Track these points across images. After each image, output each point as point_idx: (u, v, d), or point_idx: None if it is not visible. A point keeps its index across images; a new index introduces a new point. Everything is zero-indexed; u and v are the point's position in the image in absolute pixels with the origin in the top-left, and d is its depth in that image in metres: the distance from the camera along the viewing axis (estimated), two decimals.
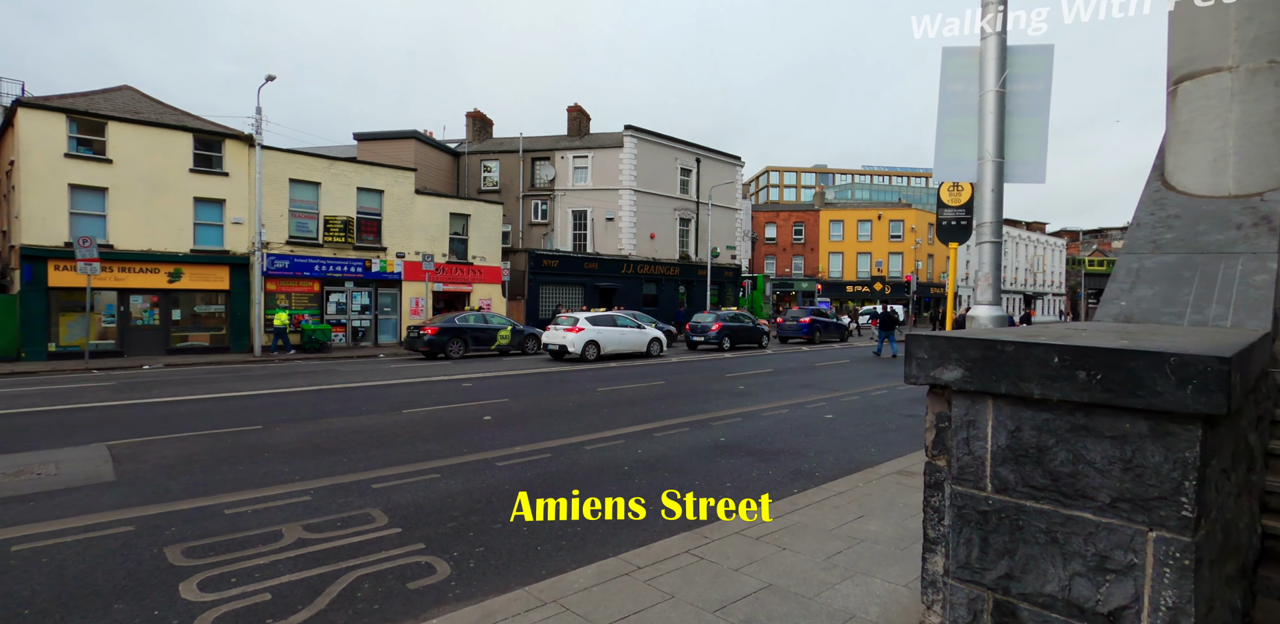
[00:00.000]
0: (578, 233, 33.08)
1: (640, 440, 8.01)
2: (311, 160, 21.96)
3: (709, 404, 10.77)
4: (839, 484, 6.07)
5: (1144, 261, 3.93)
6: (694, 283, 35.15)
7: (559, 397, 11.39)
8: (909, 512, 5.24)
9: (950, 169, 3.62)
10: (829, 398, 11.63)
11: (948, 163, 3.62)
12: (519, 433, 8.31)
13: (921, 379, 1.96)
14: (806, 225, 52.01)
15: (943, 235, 6.51)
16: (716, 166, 37.26)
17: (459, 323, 18.43)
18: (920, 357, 1.96)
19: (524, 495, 5.68)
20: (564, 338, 17.27)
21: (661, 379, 13.99)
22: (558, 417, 9.48)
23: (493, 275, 26.75)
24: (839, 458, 7.36)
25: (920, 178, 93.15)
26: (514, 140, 35.01)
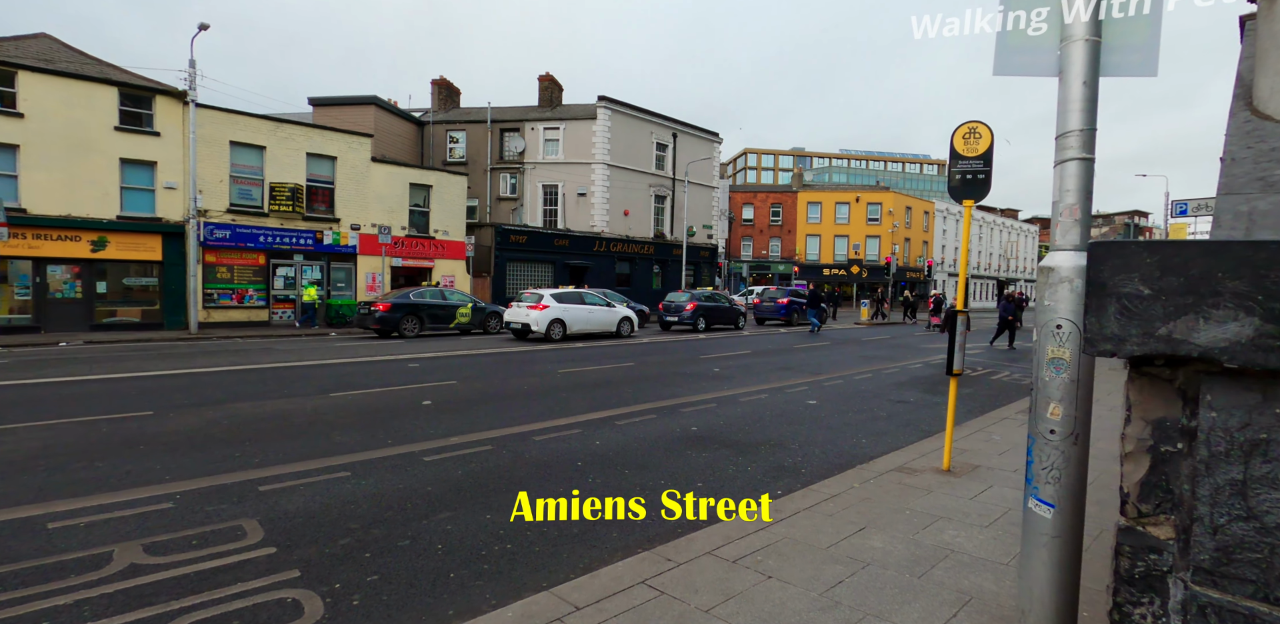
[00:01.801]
0: (548, 208, 31.68)
1: (600, 429, 6.96)
2: (255, 122, 20.20)
3: (681, 388, 9.76)
4: (830, 484, 5.10)
5: (1255, 203, 2.96)
6: (669, 262, 34.06)
7: (515, 379, 10.28)
8: (919, 521, 4.27)
9: (1017, 59, 2.57)
10: (810, 381, 10.71)
11: (1014, 51, 2.57)
12: (459, 420, 7.19)
13: (1131, 344, 0.90)
14: (784, 207, 51.12)
15: (956, 192, 5.52)
16: (694, 143, 35.98)
17: (414, 299, 17.10)
18: (1129, 296, 0.89)
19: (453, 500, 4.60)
20: (527, 316, 16.08)
21: (630, 360, 12.94)
22: (509, 402, 8.37)
23: (456, 251, 25.32)
24: (826, 450, 6.41)
25: (897, 163, 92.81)
26: (481, 110, 33.27)
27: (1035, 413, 2.38)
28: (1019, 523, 4.39)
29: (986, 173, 5.39)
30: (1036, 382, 2.37)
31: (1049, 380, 2.33)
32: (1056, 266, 2.32)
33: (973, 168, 5.42)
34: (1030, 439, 2.41)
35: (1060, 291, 2.30)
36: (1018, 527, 4.23)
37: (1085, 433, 2.31)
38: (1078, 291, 2.27)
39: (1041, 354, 2.36)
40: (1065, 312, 2.29)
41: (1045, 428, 2.34)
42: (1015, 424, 7.57)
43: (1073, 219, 2.33)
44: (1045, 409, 2.34)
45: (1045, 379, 2.34)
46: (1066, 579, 2.33)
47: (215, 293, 19.64)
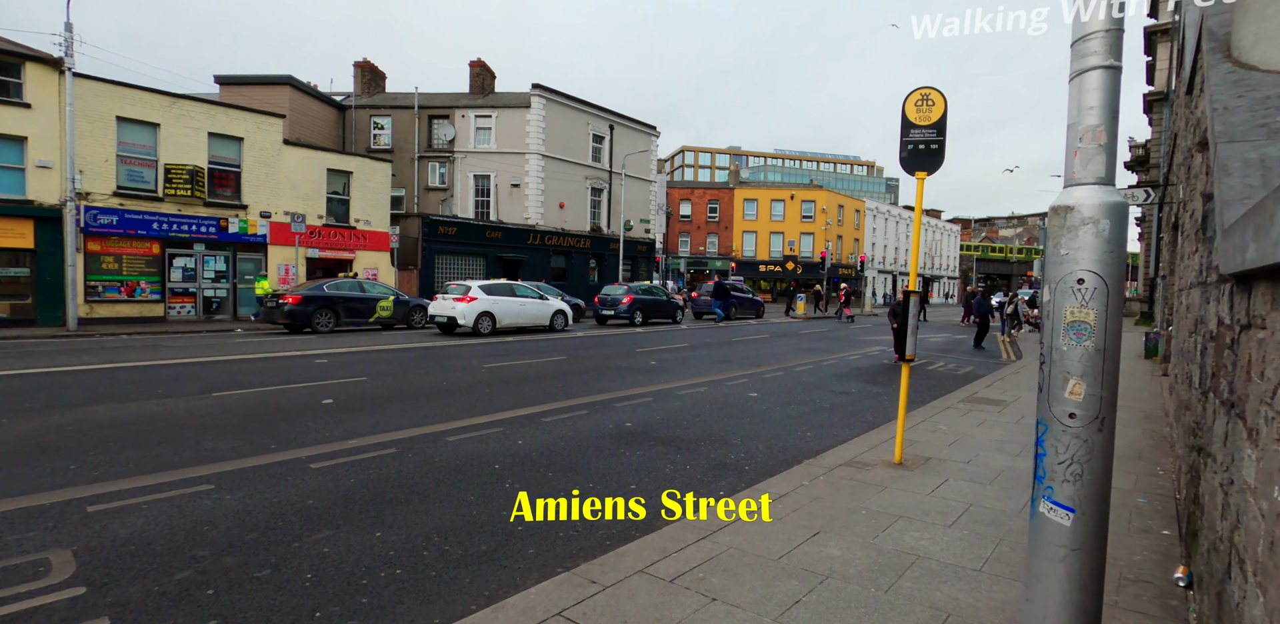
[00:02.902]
0: (480, 199, 30.42)
1: (524, 427, 6.26)
2: (146, 96, 18.24)
3: (615, 382, 9.14)
4: (778, 482, 4.59)
5: (1265, 150, 2.60)
6: (606, 256, 33.39)
7: (434, 375, 9.40)
8: (877, 522, 3.80)
9: None
10: (751, 374, 10.31)
11: None
12: (363, 420, 6.33)
13: None
14: (721, 203, 51.29)
15: (908, 163, 5.12)
16: (631, 135, 35.40)
17: (329, 291, 15.77)
18: None
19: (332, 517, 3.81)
20: (453, 309, 15.07)
21: (563, 354, 12.23)
22: (423, 399, 7.54)
23: (380, 242, 23.85)
24: (770, 445, 5.93)
25: (829, 163, 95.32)
26: (408, 96, 31.63)
27: (1048, 393, 1.87)
28: (983, 521, 4.01)
29: (940, 142, 5.02)
30: (1050, 353, 1.87)
31: (1067, 350, 1.83)
32: (1076, 205, 1.82)
33: (925, 137, 5.03)
34: (1042, 427, 1.91)
35: (1082, 237, 1.80)
36: (983, 525, 3.82)
37: (1112, 417, 1.82)
38: (1105, 236, 1.78)
39: (1056, 318, 1.85)
40: (1088, 261, 1.79)
41: (1062, 411, 1.84)
42: (959, 413, 7.34)
43: (1096, 144, 1.83)
44: (1062, 387, 1.83)
45: (1062, 349, 1.83)
46: (1089, 602, 1.84)
47: (100, 285, 17.63)
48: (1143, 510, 4.13)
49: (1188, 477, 3.39)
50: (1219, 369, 2.53)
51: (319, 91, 30.79)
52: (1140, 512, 4.11)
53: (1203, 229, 3.43)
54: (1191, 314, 4.05)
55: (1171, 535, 3.69)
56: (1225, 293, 2.42)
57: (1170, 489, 4.59)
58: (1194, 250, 4.13)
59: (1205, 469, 2.71)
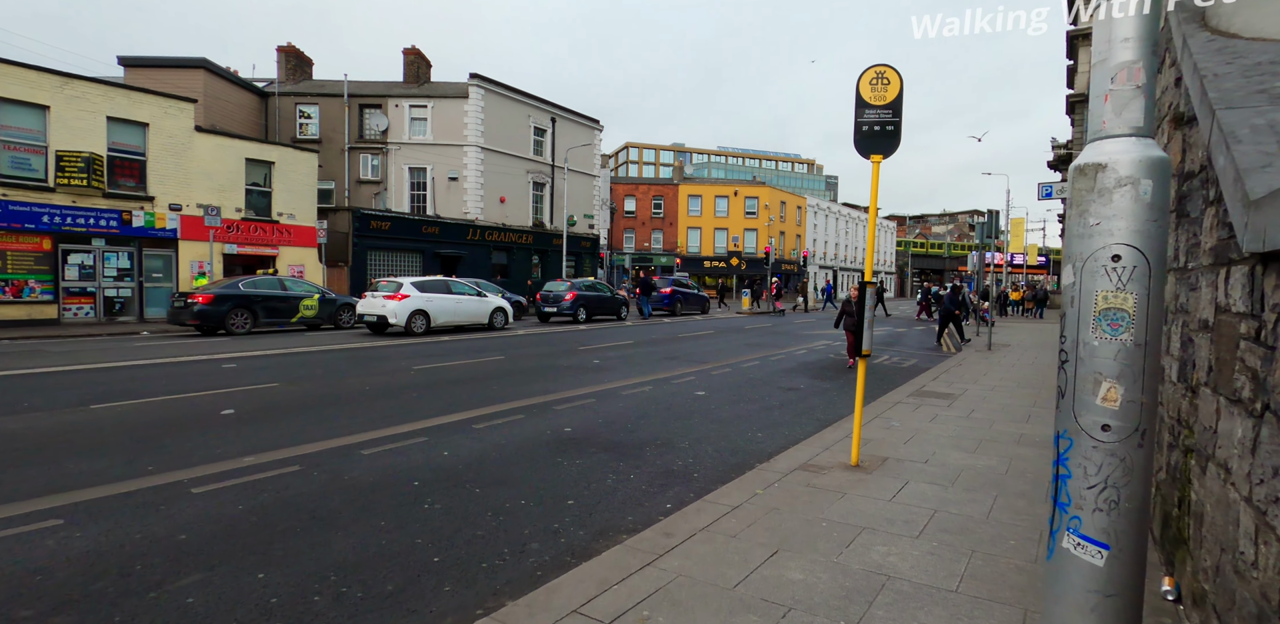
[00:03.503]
0: (416, 193, 29.15)
1: (452, 436, 5.67)
2: (33, 75, 16.46)
3: (556, 382, 8.61)
4: (729, 492, 4.19)
5: (1272, 116, 2.33)
6: (549, 252, 32.60)
7: (357, 378, 8.64)
8: (839, 536, 3.44)
9: None
10: (697, 371, 9.95)
11: None
12: (266, 433, 5.61)
13: None
14: (665, 199, 51.14)
15: (863, 145, 4.80)
16: (574, 129, 34.67)
17: (245, 289, 14.55)
18: None
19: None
20: (383, 307, 14.15)
21: (501, 354, 11.59)
22: (341, 406, 6.83)
23: (306, 237, 22.44)
24: (720, 448, 5.55)
25: (771, 161, 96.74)
26: (337, 83, 30.00)
27: (1073, 400, 1.49)
28: (950, 529, 3.72)
29: (895, 124, 4.71)
30: (1074, 349, 1.49)
31: (1098, 345, 1.45)
32: (1109, 163, 1.44)
33: (880, 118, 4.72)
34: (1065, 442, 1.53)
35: (1117, 202, 1.42)
36: (950, 534, 3.52)
37: (1154, 429, 1.45)
38: (1146, 200, 1.40)
39: (1082, 305, 1.47)
40: (1125, 233, 1.41)
41: (1092, 422, 1.46)
42: (910, 408, 7.16)
43: (1132, 86, 1.45)
44: (1092, 392, 1.46)
45: (1092, 344, 1.46)
46: None
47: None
48: None
49: (1167, 477, 3.16)
50: (1223, 364, 2.24)
51: (238, 77, 28.83)
52: None
53: (1179, 210, 3.20)
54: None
55: None
56: (1237, 276, 2.12)
57: None
58: None
59: (1204, 475, 2.43)
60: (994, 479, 4.54)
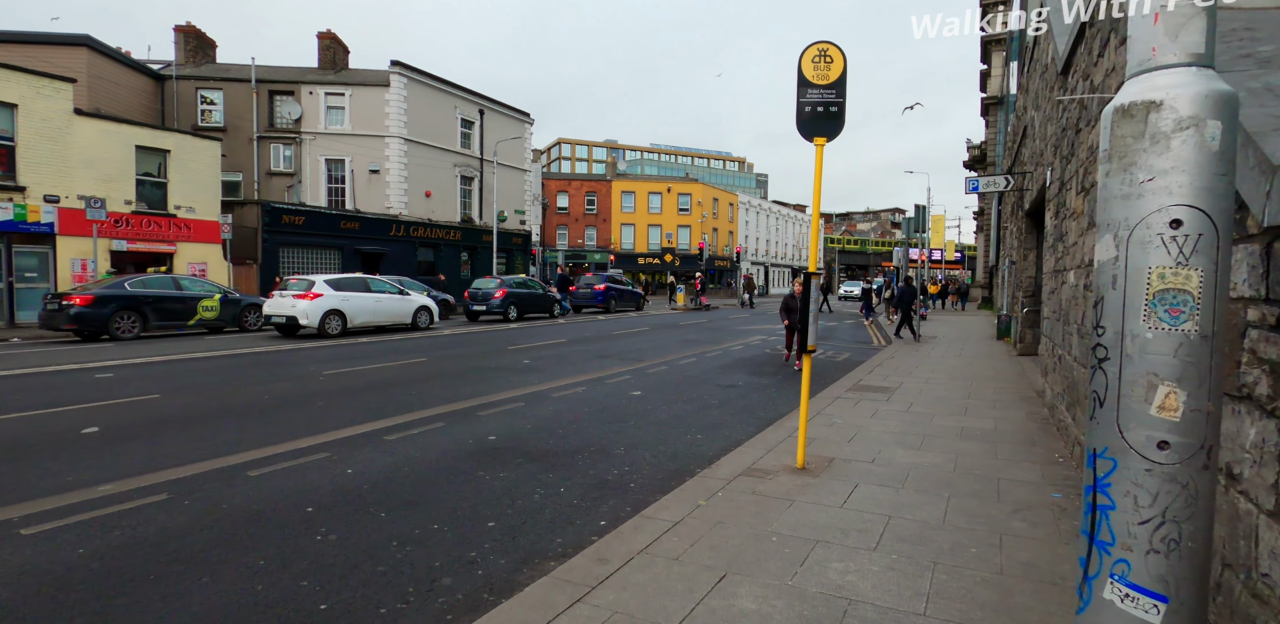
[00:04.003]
0: (334, 186, 27.51)
1: (359, 450, 5.05)
2: None
3: (482, 385, 8.03)
4: (669, 504, 3.80)
5: (1268, 78, 2.10)
6: (479, 249, 31.49)
7: (255, 386, 7.78)
8: (792, 552, 3.09)
9: None
10: (633, 369, 9.56)
11: None
12: (134, 455, 4.82)
13: None
14: (599, 196, 50.61)
15: (806, 126, 4.51)
16: (503, 121, 33.62)
17: (132, 289, 13.10)
18: None
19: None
20: (293, 307, 13.03)
21: (423, 355, 10.84)
22: (231, 419, 6.04)
23: (208, 232, 20.67)
24: (659, 454, 5.17)
25: (703, 158, 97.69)
26: (244, 67, 27.92)
27: (1118, 407, 1.15)
28: (908, 538, 3.44)
29: (839, 104, 4.43)
30: (1119, 342, 1.15)
31: (1152, 337, 1.11)
32: (1165, 100, 1.10)
33: (824, 98, 4.43)
34: (1106, 463, 1.19)
35: (1177, 149, 1.08)
36: (909, 544, 3.24)
37: (1217, 445, 1.13)
38: (1214, 148, 1.07)
39: (1130, 286, 1.13)
40: (1187, 190, 1.08)
41: (1145, 438, 1.12)
42: (849, 403, 7.01)
43: (1190, 5, 1.12)
44: (1145, 398, 1.12)
45: (1144, 336, 1.12)
46: None
47: None
48: (1064, 508, 3.77)
49: None
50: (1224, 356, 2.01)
51: (130, 58, 26.36)
52: (1062, 509, 3.75)
53: None
54: None
55: None
56: (1242, 256, 1.87)
57: (1078, 478, 4.33)
58: None
59: None
60: (943, 478, 4.34)
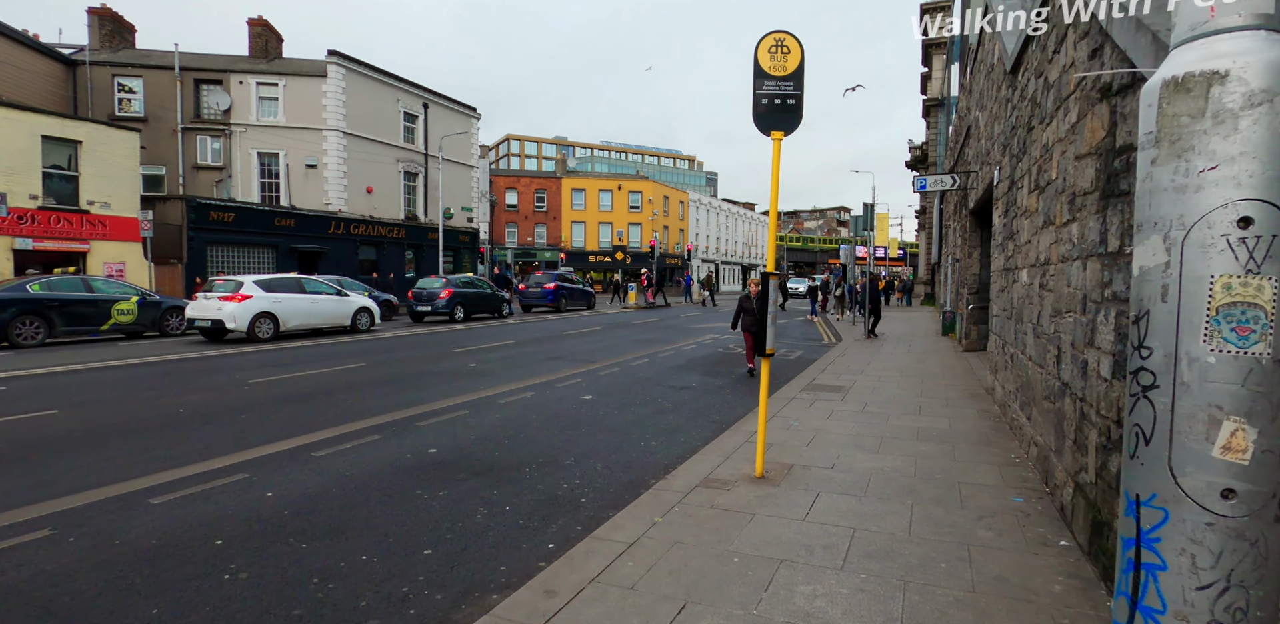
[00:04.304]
0: (268, 181, 26.14)
1: (282, 469, 4.60)
2: None
3: (424, 392, 7.59)
4: (624, 522, 3.54)
5: None
6: (424, 247, 30.51)
7: (172, 398, 7.13)
8: (755, 575, 2.87)
9: None
10: (584, 372, 9.26)
11: None
12: (16, 482, 4.25)
13: None
14: (549, 193, 49.92)
15: (762, 120, 4.31)
16: (448, 116, 32.64)
17: (35, 292, 11.96)
18: None
19: None
20: (219, 310, 12.16)
21: (362, 360, 10.26)
22: (140, 437, 5.47)
23: (126, 230, 19.27)
24: (611, 463, 4.90)
25: (654, 156, 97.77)
26: (167, 54, 26.26)
27: (1170, 447, 0.94)
28: (875, 554, 3.26)
29: (797, 97, 4.24)
30: (1172, 367, 0.94)
31: (1215, 362, 0.90)
32: (1231, 70, 0.90)
33: (781, 90, 4.23)
34: (1151, 512, 0.97)
35: (1246, 131, 0.88)
36: (876, 560, 3.07)
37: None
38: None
39: (1186, 298, 0.92)
40: (1260, 182, 0.88)
41: (1205, 484, 0.92)
42: (805, 404, 6.90)
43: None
44: (1205, 435, 0.91)
45: (1204, 360, 0.91)
46: None
47: None
48: (1027, 513, 3.68)
49: (1099, 483, 2.88)
50: None
51: (36, 41, 24.41)
52: (1025, 515, 3.65)
53: (1105, 190, 2.92)
54: (1070, 290, 3.65)
55: (1071, 547, 3.20)
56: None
57: (1036, 481, 4.27)
58: (1067, 220, 3.74)
59: None
60: (905, 484, 4.22)
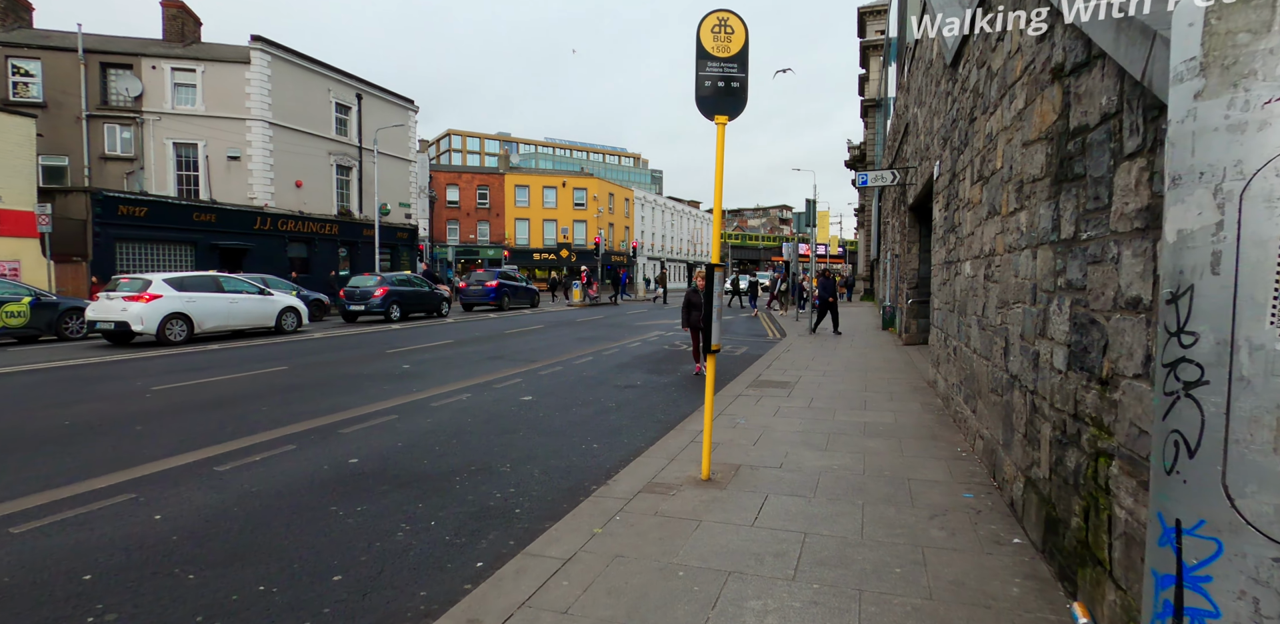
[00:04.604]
0: (185, 173, 24.49)
1: (179, 486, 4.10)
2: None
3: (349, 397, 7.08)
4: (560, 535, 3.26)
5: None
6: (359, 245, 29.24)
7: (58, 409, 6.41)
8: (702, 591, 2.63)
9: None
10: (524, 372, 8.90)
11: None
12: None
13: None
14: (491, 189, 48.85)
15: (707, 103, 4.06)
16: (384, 108, 31.39)
17: None
18: None
19: None
20: (124, 311, 11.16)
21: (284, 363, 9.58)
22: (14, 454, 4.83)
23: (20, 224, 17.65)
24: (550, 469, 4.60)
25: (599, 153, 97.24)
26: (69, 35, 24.23)
27: (1224, 461, 0.73)
28: (827, 562, 3.06)
29: (741, 80, 4.03)
30: (1221, 359, 0.72)
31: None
32: None
33: (725, 72, 4.01)
34: (1197, 543, 0.76)
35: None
36: (829, 568, 2.88)
37: None
38: None
39: (1244, 270, 0.70)
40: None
41: (1272, 510, 0.70)
42: (751, 400, 6.75)
43: None
44: (1269, 445, 0.69)
45: (1274, 347, 0.69)
46: None
47: None
48: (978, 510, 3.58)
49: (1053, 478, 2.77)
50: None
51: None
52: (976, 511, 3.56)
53: (1059, 175, 2.81)
54: (1018, 280, 3.56)
55: (1024, 545, 3.10)
56: None
57: (984, 475, 4.21)
58: (1014, 209, 3.65)
59: (1140, 491, 1.96)
60: (854, 483, 4.08)
